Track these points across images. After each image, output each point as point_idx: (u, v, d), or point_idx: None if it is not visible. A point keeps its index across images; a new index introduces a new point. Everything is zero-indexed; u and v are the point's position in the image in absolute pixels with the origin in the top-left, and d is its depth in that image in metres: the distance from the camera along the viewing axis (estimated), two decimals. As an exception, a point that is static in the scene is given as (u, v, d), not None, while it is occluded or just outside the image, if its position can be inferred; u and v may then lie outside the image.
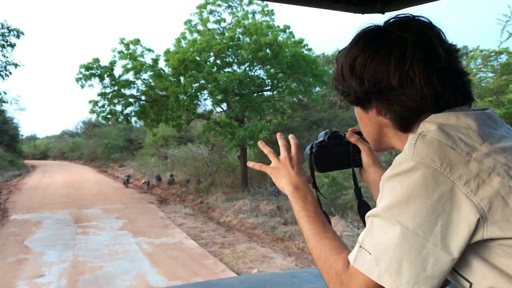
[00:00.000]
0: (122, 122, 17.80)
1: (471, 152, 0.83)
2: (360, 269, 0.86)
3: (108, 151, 36.61)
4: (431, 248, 0.80)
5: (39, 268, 7.84)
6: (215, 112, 17.98)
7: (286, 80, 15.91)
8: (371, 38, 0.96)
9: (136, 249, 9.05)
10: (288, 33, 15.81)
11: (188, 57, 14.57)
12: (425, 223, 0.80)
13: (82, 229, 11.25)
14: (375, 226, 0.86)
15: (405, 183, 0.82)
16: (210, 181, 17.50)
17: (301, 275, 1.90)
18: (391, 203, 0.83)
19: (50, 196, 18.27)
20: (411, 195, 0.81)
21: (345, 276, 0.90)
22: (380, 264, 0.83)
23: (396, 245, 0.81)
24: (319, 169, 1.26)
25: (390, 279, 0.82)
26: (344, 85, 0.99)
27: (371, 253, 0.85)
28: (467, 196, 0.79)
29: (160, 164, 24.25)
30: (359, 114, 1.05)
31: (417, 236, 0.80)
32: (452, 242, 0.80)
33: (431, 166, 0.81)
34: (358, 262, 0.87)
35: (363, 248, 0.87)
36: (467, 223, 0.79)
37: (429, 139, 0.86)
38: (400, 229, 0.81)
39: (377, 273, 0.83)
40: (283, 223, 10.61)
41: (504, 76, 9.30)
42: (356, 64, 0.95)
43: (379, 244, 0.84)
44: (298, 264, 7.82)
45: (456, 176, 0.80)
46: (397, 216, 0.82)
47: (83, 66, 15.60)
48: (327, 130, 1.28)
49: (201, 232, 10.71)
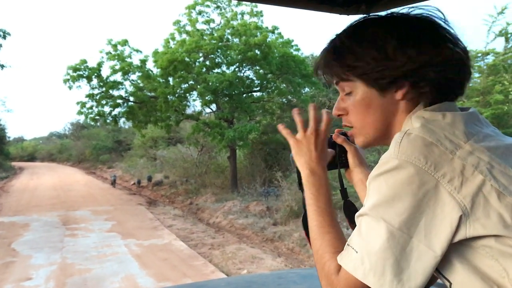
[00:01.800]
0: (110, 124, 17.65)
1: (455, 150, 0.84)
2: (346, 268, 0.87)
3: (97, 153, 36.38)
4: (415, 244, 0.81)
5: (27, 271, 7.76)
6: (204, 113, 17.94)
7: (275, 81, 15.93)
8: (390, 25, 0.98)
9: (125, 251, 9.01)
10: (276, 34, 15.85)
11: (177, 57, 14.52)
12: (410, 220, 0.81)
13: (71, 231, 11.17)
14: (362, 225, 0.87)
15: (390, 182, 0.83)
16: (200, 182, 17.46)
17: (287, 276, 1.90)
18: (377, 202, 0.84)
19: (38, 198, 18.11)
20: (396, 193, 0.82)
21: (335, 276, 0.91)
22: (365, 263, 0.84)
23: (382, 243, 0.82)
24: None
25: (374, 278, 0.83)
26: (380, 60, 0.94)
27: (358, 252, 0.86)
28: (451, 193, 0.80)
29: (149, 166, 24.15)
30: (369, 99, 0.99)
31: (401, 233, 0.81)
32: (436, 239, 0.81)
33: (416, 164, 0.82)
34: (344, 260, 0.89)
35: (350, 247, 0.88)
36: (449, 220, 0.80)
37: (414, 137, 0.86)
38: (386, 226, 0.82)
39: (361, 272, 0.84)
40: (273, 224, 10.62)
41: (491, 76, 9.39)
42: (409, 41, 0.93)
43: (365, 242, 0.85)
44: (288, 265, 7.84)
45: (440, 174, 0.81)
46: (383, 214, 0.83)
47: (71, 68, 15.47)
48: None
49: (191, 234, 10.68)
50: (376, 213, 0.84)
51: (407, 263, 0.82)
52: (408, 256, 0.82)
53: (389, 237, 0.82)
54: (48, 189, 21.42)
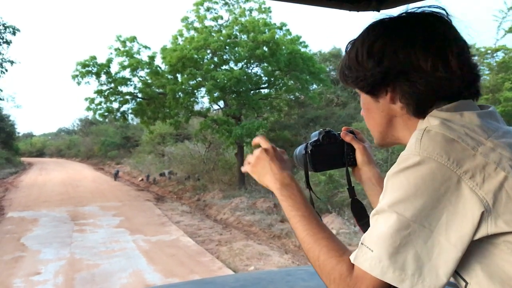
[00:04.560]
0: (119, 120, 17.75)
1: (476, 146, 0.84)
2: (362, 267, 0.85)
3: (105, 149, 36.54)
4: (437, 239, 0.81)
5: (36, 265, 7.82)
6: (212, 109, 17.97)
7: (283, 78, 15.90)
8: (389, 24, 0.98)
9: (133, 246, 9.05)
10: (284, 30, 15.81)
11: (186, 54, 14.54)
12: (431, 215, 0.81)
13: (79, 226, 11.24)
14: (379, 222, 0.86)
15: (412, 178, 0.83)
16: (207, 179, 17.49)
17: (296, 273, 1.90)
18: (397, 198, 0.83)
19: (46, 193, 18.23)
20: (417, 189, 0.82)
21: (351, 278, 0.88)
22: (383, 261, 0.83)
23: (402, 238, 0.82)
24: (315, 169, 1.25)
25: (394, 274, 0.82)
26: (359, 69, 0.98)
27: (373, 250, 0.84)
28: (473, 190, 0.80)
29: (157, 162, 24.22)
30: (368, 104, 1.04)
31: (423, 227, 0.81)
32: (457, 235, 0.81)
33: (438, 160, 0.82)
34: (359, 259, 0.87)
35: (365, 245, 0.86)
36: (471, 216, 0.80)
37: (434, 134, 0.86)
38: (406, 222, 0.82)
39: (379, 270, 0.83)
40: (280, 221, 10.62)
41: (501, 74, 9.32)
42: (375, 46, 0.95)
43: (382, 240, 0.84)
44: (295, 262, 7.84)
45: (462, 170, 0.81)
46: (404, 211, 0.82)
47: (80, 64, 15.56)
48: (320, 130, 1.28)
49: (198, 230, 10.71)
50: (396, 209, 0.83)
51: (428, 257, 0.82)
52: (430, 250, 0.82)
53: (410, 232, 0.81)
54: (57, 185, 21.55)
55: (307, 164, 1.25)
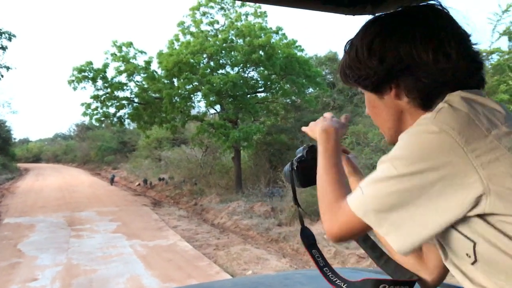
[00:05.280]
0: (115, 125, 17.72)
1: (491, 128, 0.85)
2: (350, 204, 0.93)
3: (102, 154, 36.47)
4: (425, 203, 0.84)
5: (33, 271, 7.78)
6: (209, 114, 17.95)
7: (280, 82, 15.92)
8: (387, 21, 0.99)
9: (130, 251, 9.02)
10: (280, 34, 15.84)
11: (182, 59, 14.54)
12: (427, 180, 0.83)
13: (76, 232, 11.20)
14: (379, 170, 0.90)
15: (420, 141, 0.85)
16: (204, 183, 17.46)
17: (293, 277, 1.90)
18: (399, 154, 0.87)
19: (43, 199, 18.17)
20: (422, 153, 0.84)
21: (336, 207, 0.99)
22: (369, 204, 0.89)
23: (394, 190, 0.85)
24: (302, 185, 1.28)
25: (374, 218, 0.89)
26: (361, 68, 0.99)
27: (364, 192, 0.90)
28: (476, 168, 0.81)
29: (153, 166, 24.17)
30: (373, 102, 1.05)
31: (415, 188, 0.84)
32: (446, 205, 0.83)
33: (449, 133, 0.83)
34: (351, 197, 0.95)
35: (359, 187, 0.93)
36: (467, 193, 0.81)
37: (452, 108, 0.88)
38: (401, 178, 0.85)
39: (362, 211, 0.90)
40: (278, 225, 10.61)
41: (496, 76, 9.35)
42: (375, 43, 0.96)
43: (376, 186, 0.89)
44: (293, 266, 7.83)
45: (470, 147, 0.82)
46: (403, 168, 0.85)
47: (76, 69, 15.54)
48: (305, 145, 1.31)
49: (195, 234, 10.69)
50: (394, 163, 0.86)
51: (412, 217, 0.85)
52: (415, 211, 0.85)
53: (402, 189, 0.85)
54: (54, 190, 21.48)
55: (293, 181, 1.26)
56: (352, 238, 1.01)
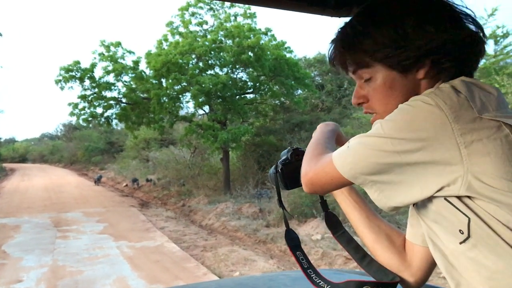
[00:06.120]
0: (103, 125, 17.59)
1: (483, 111, 0.86)
2: (332, 155, 0.96)
3: (89, 154, 36.19)
4: (405, 169, 0.87)
5: (17, 273, 7.70)
6: (197, 114, 17.92)
7: (268, 83, 15.94)
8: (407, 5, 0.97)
9: (117, 253, 8.96)
10: (270, 36, 15.87)
11: (170, 59, 14.49)
12: (409, 147, 0.85)
13: (62, 233, 11.10)
14: (371, 130, 0.91)
15: (412, 109, 0.87)
16: (192, 184, 17.42)
17: (278, 278, 1.90)
18: (391, 118, 0.88)
19: (29, 199, 17.98)
20: (411, 121, 0.85)
21: (320, 157, 1.02)
22: (348, 157, 0.92)
23: (375, 150, 0.87)
24: (286, 187, 1.28)
25: (351, 171, 0.92)
26: (392, 46, 0.95)
27: (349, 146, 0.92)
28: (458, 146, 0.82)
29: (141, 167, 24.05)
30: (391, 81, 0.99)
31: (396, 153, 0.86)
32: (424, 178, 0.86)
33: (441, 107, 0.84)
34: (337, 151, 0.97)
35: (348, 142, 0.94)
36: (444, 169, 0.83)
37: (450, 87, 0.90)
38: (385, 139, 0.86)
39: (340, 162, 0.93)
40: (266, 226, 10.61)
41: (482, 79, 9.46)
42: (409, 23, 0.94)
43: (360, 142, 0.90)
44: (280, 267, 7.84)
45: (458, 126, 0.83)
46: (390, 130, 0.86)
47: (63, 68, 15.41)
48: (289, 148, 1.31)
49: (183, 236, 10.65)
50: (384, 125, 0.88)
51: (392, 181, 0.89)
52: (395, 177, 0.88)
53: (384, 150, 0.86)
54: (40, 191, 21.27)
55: (278, 183, 1.26)
56: (323, 189, 1.02)
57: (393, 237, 1.18)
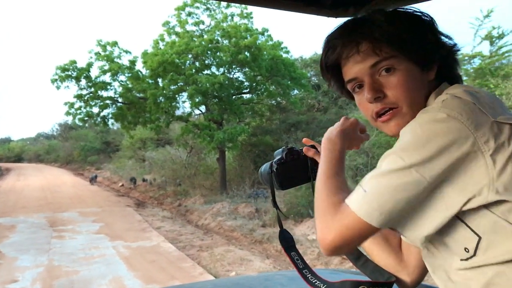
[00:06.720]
0: (99, 125, 17.55)
1: (496, 114, 0.87)
2: (350, 205, 0.87)
3: (85, 154, 36.11)
4: (432, 194, 0.84)
5: (12, 273, 7.66)
6: (194, 114, 17.90)
7: (265, 83, 15.94)
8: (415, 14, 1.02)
9: (113, 252, 8.94)
10: (266, 36, 15.87)
11: (167, 59, 14.47)
12: (435, 169, 0.82)
13: (58, 233, 11.06)
14: (382, 165, 0.87)
15: (427, 129, 0.84)
16: (189, 184, 17.40)
17: (274, 278, 1.90)
18: (406, 145, 0.85)
19: (24, 199, 17.91)
20: (429, 141, 0.83)
21: (333, 210, 0.90)
22: (373, 202, 0.84)
23: (400, 184, 0.82)
24: (281, 187, 1.26)
25: (380, 217, 0.84)
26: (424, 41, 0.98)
27: (367, 190, 0.86)
28: (483, 154, 0.82)
29: (137, 167, 24.01)
30: (413, 76, 0.98)
31: (425, 180, 0.82)
32: (455, 194, 0.83)
33: (457, 118, 0.83)
34: (351, 199, 0.89)
35: (360, 186, 0.88)
36: (477, 181, 0.82)
37: (457, 97, 0.89)
38: (409, 169, 0.82)
39: (365, 210, 0.85)
40: (262, 226, 10.61)
41: (477, 80, 9.49)
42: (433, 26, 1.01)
43: (378, 182, 0.85)
44: (276, 267, 7.84)
45: (479, 133, 0.82)
46: (411, 157, 0.83)
47: (59, 68, 15.36)
48: (283, 147, 1.29)
49: (179, 235, 10.64)
50: (400, 154, 0.84)
51: (417, 208, 0.85)
52: (425, 203, 0.84)
53: (409, 182, 0.82)
54: (35, 191, 21.19)
55: (273, 183, 1.25)
56: (349, 247, 0.91)
57: (389, 237, 1.19)
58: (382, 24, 0.97)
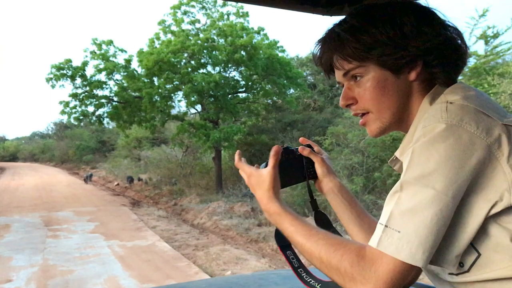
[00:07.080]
0: (94, 124, 17.50)
1: (502, 117, 0.85)
2: (386, 251, 0.80)
3: (80, 153, 36.02)
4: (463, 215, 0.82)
5: (7, 273, 7.63)
6: (189, 113, 17.88)
7: (261, 82, 15.94)
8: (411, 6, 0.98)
9: (108, 252, 8.92)
10: (262, 35, 15.86)
11: (162, 58, 14.45)
12: (462, 187, 0.79)
13: (53, 232, 11.02)
14: (403, 199, 0.81)
15: (441, 148, 0.80)
16: (184, 183, 17.38)
17: (269, 277, 1.90)
18: (427, 170, 0.80)
19: (19, 198, 17.84)
20: (449, 159, 0.79)
21: (364, 262, 0.82)
22: (411, 241, 0.78)
23: (434, 214, 0.78)
24: None
25: (424, 256, 0.79)
26: (388, 44, 0.94)
27: (400, 231, 0.79)
28: (498, 159, 0.80)
29: (133, 166, 23.97)
30: (384, 81, 0.97)
31: (453, 201, 0.79)
32: (483, 205, 0.81)
33: (467, 129, 0.81)
34: (383, 243, 0.81)
35: (389, 228, 0.81)
36: (499, 187, 0.80)
37: (460, 104, 0.87)
38: (439, 196, 0.78)
39: (407, 253, 0.78)
40: (257, 225, 10.62)
41: (473, 79, 9.51)
42: (407, 24, 0.94)
43: (409, 218, 0.79)
44: (272, 266, 7.84)
45: (492, 139, 0.81)
46: (435, 183, 0.78)
47: (55, 67, 15.31)
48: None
49: (175, 235, 10.62)
50: (425, 182, 0.79)
51: (454, 235, 0.82)
52: (460, 224, 0.82)
53: (442, 208, 0.78)
54: (30, 190, 21.11)
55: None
56: None
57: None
58: (349, 37, 0.97)
